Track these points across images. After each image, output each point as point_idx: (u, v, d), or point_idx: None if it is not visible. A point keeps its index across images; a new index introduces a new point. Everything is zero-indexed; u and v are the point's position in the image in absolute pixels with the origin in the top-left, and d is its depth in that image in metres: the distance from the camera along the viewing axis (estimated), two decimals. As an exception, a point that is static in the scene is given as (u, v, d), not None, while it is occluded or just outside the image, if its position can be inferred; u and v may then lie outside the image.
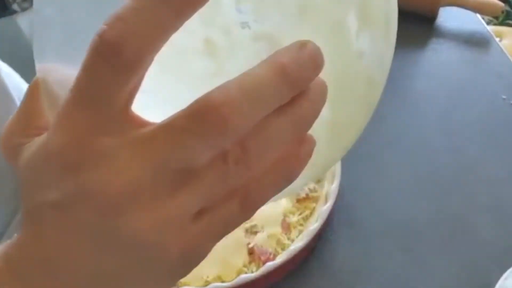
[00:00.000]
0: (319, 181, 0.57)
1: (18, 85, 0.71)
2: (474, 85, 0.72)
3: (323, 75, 0.20)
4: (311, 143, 0.20)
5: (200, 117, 0.18)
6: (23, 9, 1.68)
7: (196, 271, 0.53)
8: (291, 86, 0.19)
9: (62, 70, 0.21)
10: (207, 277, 0.50)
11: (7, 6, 1.63)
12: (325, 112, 0.21)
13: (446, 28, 0.82)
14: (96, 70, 0.18)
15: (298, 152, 0.20)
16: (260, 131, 0.19)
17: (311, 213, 0.54)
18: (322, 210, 0.52)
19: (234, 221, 0.21)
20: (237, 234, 0.52)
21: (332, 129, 0.24)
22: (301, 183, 0.25)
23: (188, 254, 0.20)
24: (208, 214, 0.20)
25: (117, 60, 0.17)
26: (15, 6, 1.63)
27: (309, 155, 0.20)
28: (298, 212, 0.54)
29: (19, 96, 0.70)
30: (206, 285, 0.48)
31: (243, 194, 0.20)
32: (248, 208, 0.20)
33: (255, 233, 0.52)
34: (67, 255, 0.20)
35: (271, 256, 0.51)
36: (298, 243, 0.50)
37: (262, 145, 0.19)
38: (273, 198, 0.23)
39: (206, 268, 0.50)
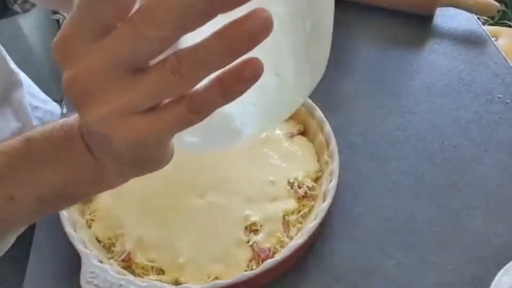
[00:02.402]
0: (317, 179, 0.58)
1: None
2: (470, 84, 0.72)
3: None
4: (255, 67, 0.23)
5: (139, 15, 0.22)
6: (24, 11, 1.68)
7: (198, 269, 0.53)
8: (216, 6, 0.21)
9: None
10: (209, 277, 0.50)
11: (8, 7, 1.63)
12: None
13: (442, 28, 0.82)
14: None
15: (239, 73, 0.23)
16: (194, 49, 0.22)
17: (309, 211, 0.55)
18: (321, 208, 0.52)
19: (181, 119, 0.25)
20: (237, 232, 0.52)
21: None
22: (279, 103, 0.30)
23: (133, 140, 0.26)
24: (158, 111, 0.25)
25: None
26: (16, 7, 1.63)
27: (253, 77, 0.23)
28: (297, 210, 0.55)
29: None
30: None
31: (189, 98, 0.24)
32: (193, 110, 0.24)
33: (255, 231, 0.53)
34: None
35: (271, 253, 0.51)
36: (297, 240, 0.51)
37: (194, 59, 0.23)
38: (260, 124, 0.31)
39: (208, 267, 0.51)
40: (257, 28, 0.21)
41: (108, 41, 0.23)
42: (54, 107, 0.80)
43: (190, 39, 0.22)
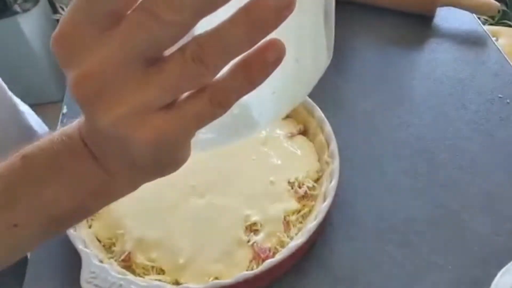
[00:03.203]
0: (318, 179, 0.58)
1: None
2: (470, 84, 0.72)
3: None
4: (278, 48, 0.21)
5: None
6: (24, 10, 1.68)
7: (198, 269, 0.53)
8: None
9: None
10: (209, 278, 0.50)
11: (8, 7, 1.63)
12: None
13: (443, 28, 0.82)
14: None
15: (263, 56, 0.21)
16: (216, 31, 0.21)
17: (310, 211, 0.55)
18: (321, 208, 0.52)
19: (203, 113, 0.23)
20: (238, 232, 0.52)
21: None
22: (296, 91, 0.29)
23: (154, 142, 0.23)
24: (178, 106, 0.23)
25: None
26: (16, 7, 1.63)
27: (276, 59, 0.22)
28: (297, 210, 0.55)
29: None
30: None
31: (211, 90, 0.23)
32: (216, 102, 0.23)
33: (255, 231, 0.53)
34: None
35: (271, 253, 0.51)
36: (297, 240, 0.51)
37: (217, 44, 0.21)
38: (275, 114, 0.29)
39: (208, 267, 0.51)
40: (281, 2, 0.20)
41: (120, 31, 0.21)
42: (26, 108, 0.75)
43: (204, 24, 0.21)
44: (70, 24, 0.22)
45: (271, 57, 0.21)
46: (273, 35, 0.21)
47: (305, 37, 0.27)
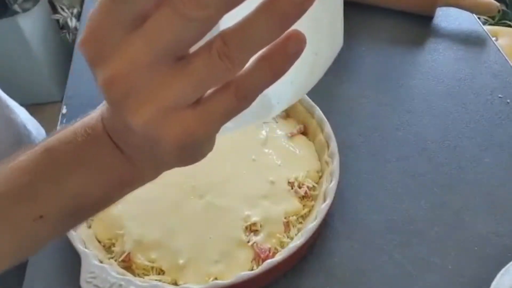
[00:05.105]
0: (318, 179, 0.58)
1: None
2: (470, 84, 0.72)
3: None
4: (299, 39, 0.22)
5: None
6: (24, 10, 1.68)
7: (198, 270, 0.53)
8: None
9: None
10: (209, 278, 0.50)
11: (8, 6, 1.63)
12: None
13: (443, 28, 0.82)
14: None
15: (285, 47, 0.22)
16: (240, 27, 0.21)
17: (309, 211, 0.55)
18: (321, 208, 0.52)
19: (230, 108, 0.24)
20: (237, 233, 0.52)
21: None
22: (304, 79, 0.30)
23: (184, 139, 0.24)
24: (204, 103, 0.23)
25: None
26: (16, 7, 1.63)
27: (297, 51, 0.22)
28: (297, 211, 0.55)
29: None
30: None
31: (236, 85, 0.23)
32: (241, 96, 0.23)
33: (255, 231, 0.53)
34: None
35: (271, 254, 0.51)
36: (297, 241, 0.50)
37: (242, 39, 0.21)
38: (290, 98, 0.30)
39: (208, 267, 0.51)
40: None
41: (148, 29, 0.21)
42: (23, 112, 0.74)
43: (225, 20, 0.21)
44: (98, 25, 0.22)
45: (292, 50, 0.22)
46: (293, 27, 0.21)
47: (323, 28, 0.27)
